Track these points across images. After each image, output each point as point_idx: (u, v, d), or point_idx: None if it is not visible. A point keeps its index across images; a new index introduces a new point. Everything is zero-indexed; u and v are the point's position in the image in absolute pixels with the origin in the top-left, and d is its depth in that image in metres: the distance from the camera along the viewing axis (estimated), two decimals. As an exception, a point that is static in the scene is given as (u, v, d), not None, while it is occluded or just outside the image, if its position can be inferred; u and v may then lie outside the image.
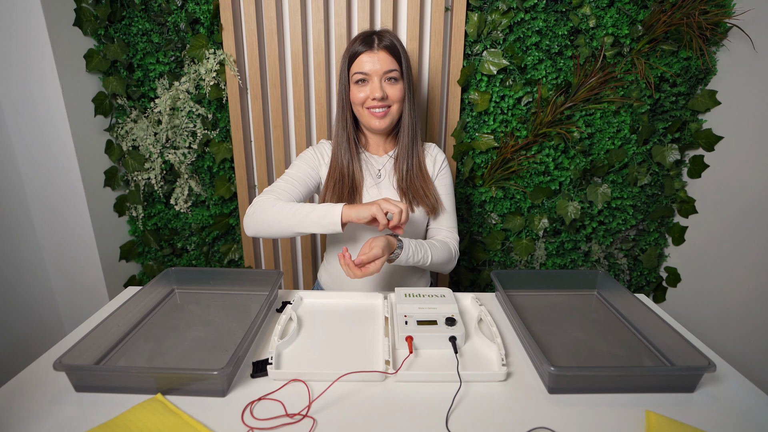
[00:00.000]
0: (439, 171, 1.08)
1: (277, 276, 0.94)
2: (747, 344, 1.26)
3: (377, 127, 0.99)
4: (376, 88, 0.94)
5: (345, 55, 0.98)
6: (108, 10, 1.31)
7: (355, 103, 0.98)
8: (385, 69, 0.94)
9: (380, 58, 0.94)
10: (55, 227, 1.41)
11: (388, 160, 1.07)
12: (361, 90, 0.96)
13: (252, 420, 0.60)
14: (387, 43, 0.95)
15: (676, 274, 1.53)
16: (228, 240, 1.59)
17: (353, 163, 1.02)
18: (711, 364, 0.65)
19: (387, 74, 0.95)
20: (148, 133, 1.42)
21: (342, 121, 1.02)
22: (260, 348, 0.77)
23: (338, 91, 1.01)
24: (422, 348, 0.76)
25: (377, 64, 0.94)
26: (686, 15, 1.26)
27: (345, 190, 1.01)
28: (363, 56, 0.95)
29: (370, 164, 1.06)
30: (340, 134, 1.02)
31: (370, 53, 0.94)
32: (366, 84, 0.96)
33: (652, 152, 1.43)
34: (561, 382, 0.66)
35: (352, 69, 0.97)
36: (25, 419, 0.61)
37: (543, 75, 1.34)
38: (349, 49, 0.97)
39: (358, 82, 0.96)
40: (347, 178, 1.01)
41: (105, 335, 0.74)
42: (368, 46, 0.94)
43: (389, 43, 0.95)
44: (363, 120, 1.01)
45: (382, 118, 0.98)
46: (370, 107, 0.97)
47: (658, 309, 0.92)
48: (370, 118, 0.98)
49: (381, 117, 0.98)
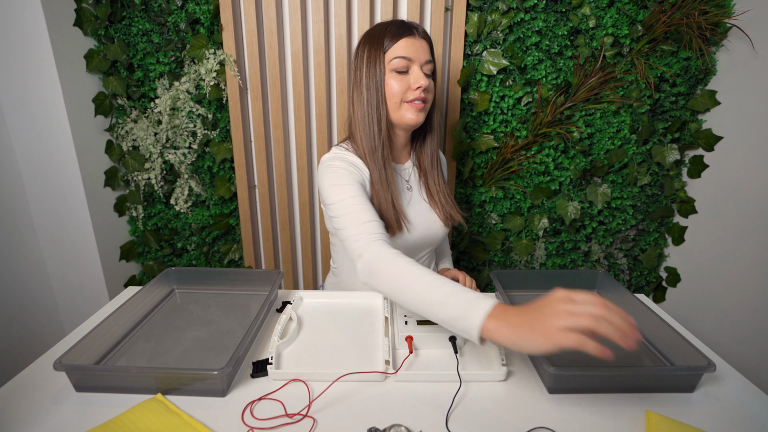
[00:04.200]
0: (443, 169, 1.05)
1: (277, 276, 0.94)
2: (747, 344, 1.26)
3: (413, 121, 0.87)
4: (420, 76, 0.84)
5: (374, 42, 0.86)
6: (108, 11, 1.31)
7: (392, 95, 0.85)
8: (427, 57, 0.86)
9: (422, 45, 0.85)
10: (55, 227, 1.41)
11: (411, 169, 0.98)
12: (398, 80, 0.85)
13: (252, 420, 0.60)
14: (424, 32, 0.87)
15: (675, 274, 1.53)
16: (228, 240, 1.59)
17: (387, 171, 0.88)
18: (711, 364, 0.65)
19: (426, 65, 0.86)
20: (148, 133, 1.42)
21: (376, 118, 0.87)
22: (260, 348, 0.77)
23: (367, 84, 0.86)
24: (422, 348, 0.76)
25: (420, 50, 0.84)
26: (686, 15, 1.26)
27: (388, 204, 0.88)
28: (404, 41, 0.84)
29: (398, 175, 0.95)
30: (375, 139, 0.87)
31: (411, 38, 0.84)
32: (405, 74, 0.85)
33: (651, 152, 1.43)
34: (561, 382, 0.66)
35: (390, 54, 0.84)
36: (25, 419, 0.61)
37: (543, 75, 1.34)
38: (381, 35, 0.85)
39: (395, 71, 0.85)
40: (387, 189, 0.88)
41: (105, 335, 0.74)
42: (408, 31, 0.85)
43: (426, 33, 0.87)
44: (396, 115, 0.87)
45: (421, 110, 0.86)
46: (410, 99, 0.85)
47: (658, 309, 0.92)
48: (408, 110, 0.86)
49: (420, 109, 0.86)
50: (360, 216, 0.77)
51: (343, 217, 0.79)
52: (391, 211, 0.88)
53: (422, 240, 0.97)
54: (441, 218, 0.97)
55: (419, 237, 0.95)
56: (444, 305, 0.61)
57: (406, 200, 0.94)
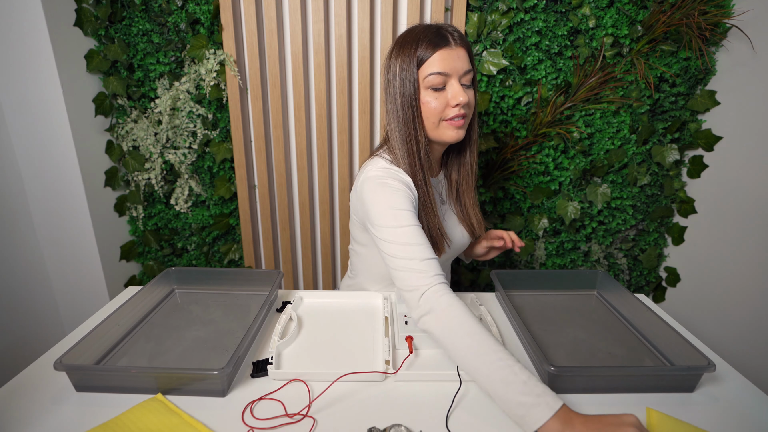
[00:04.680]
0: None
1: (277, 276, 0.94)
2: (747, 344, 1.26)
3: (454, 139, 0.81)
4: (458, 92, 0.77)
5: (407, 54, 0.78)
6: (108, 11, 1.31)
7: (430, 115, 0.79)
8: (465, 68, 0.78)
9: (459, 55, 0.77)
10: (55, 227, 1.41)
11: (443, 182, 0.94)
12: (435, 97, 0.78)
13: (252, 420, 0.60)
14: (460, 36, 0.79)
15: (675, 274, 1.53)
16: (228, 240, 1.59)
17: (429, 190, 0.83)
18: (711, 364, 0.65)
19: (465, 76, 0.79)
20: (148, 133, 1.42)
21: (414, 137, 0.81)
22: (260, 348, 0.77)
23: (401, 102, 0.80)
24: (422, 348, 0.76)
25: (457, 62, 0.77)
26: (686, 15, 1.26)
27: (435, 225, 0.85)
28: (440, 53, 0.76)
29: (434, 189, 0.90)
30: (414, 157, 0.82)
31: (448, 50, 0.76)
32: (442, 90, 0.78)
33: (651, 152, 1.43)
34: (561, 381, 0.66)
35: (424, 70, 0.77)
36: (25, 419, 0.61)
37: (543, 75, 1.34)
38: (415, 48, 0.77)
39: (431, 89, 0.78)
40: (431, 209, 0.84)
41: (105, 335, 0.74)
42: (444, 41, 0.77)
43: (463, 37, 0.79)
44: (435, 133, 0.82)
45: (461, 128, 0.80)
46: (449, 117, 0.79)
47: (657, 309, 0.92)
48: (447, 128, 0.80)
49: (460, 126, 0.80)
50: (422, 250, 0.72)
51: (400, 246, 0.73)
52: (435, 231, 0.85)
53: (452, 254, 0.99)
54: (468, 231, 0.96)
55: (453, 251, 0.96)
56: (510, 388, 0.57)
57: (442, 214, 0.91)
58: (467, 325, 0.64)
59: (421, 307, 0.69)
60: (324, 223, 1.52)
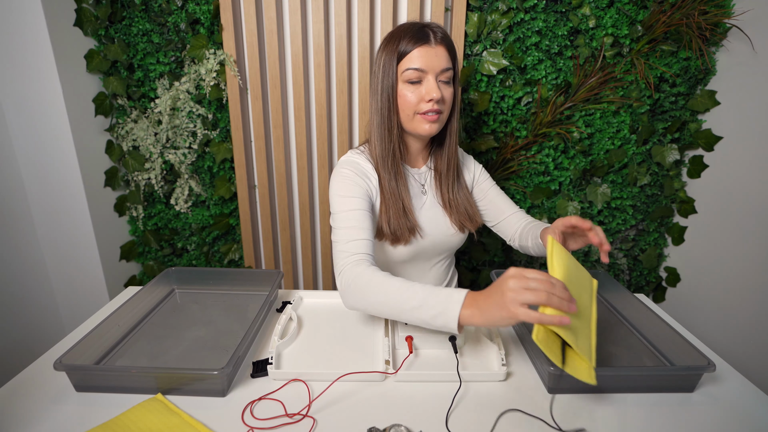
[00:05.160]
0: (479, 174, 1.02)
1: (277, 276, 0.94)
2: (747, 344, 1.26)
3: (426, 133, 0.85)
4: (432, 88, 0.81)
5: (390, 49, 0.83)
6: (108, 11, 1.31)
7: (405, 107, 0.84)
8: (442, 66, 0.82)
9: (438, 53, 0.81)
10: (55, 227, 1.41)
11: (428, 173, 0.96)
12: (412, 91, 0.83)
13: (252, 420, 0.60)
14: (442, 35, 0.83)
15: (675, 274, 1.53)
16: (228, 240, 1.59)
17: (398, 179, 0.89)
18: (711, 364, 0.65)
19: (443, 73, 0.83)
20: (148, 133, 1.42)
21: (387, 127, 0.86)
22: (260, 348, 0.77)
23: (380, 93, 0.85)
24: (422, 348, 0.76)
25: (434, 60, 0.81)
26: (686, 15, 1.26)
27: (398, 214, 0.88)
28: (418, 50, 0.81)
29: (412, 179, 0.94)
30: (385, 144, 0.87)
31: (426, 47, 0.81)
32: (418, 84, 0.83)
33: (651, 152, 1.43)
34: (561, 382, 0.66)
35: (402, 65, 0.82)
36: (25, 419, 0.61)
37: (543, 75, 1.34)
38: (397, 43, 0.82)
39: (408, 82, 0.83)
40: (398, 198, 0.88)
41: (105, 335, 0.74)
42: (424, 39, 0.81)
43: (445, 36, 0.83)
44: (410, 126, 0.86)
45: (434, 122, 0.84)
46: (423, 111, 0.83)
47: (658, 309, 0.92)
48: (421, 122, 0.84)
49: (433, 121, 0.84)
50: (350, 233, 0.79)
51: (338, 230, 0.81)
52: (402, 219, 0.88)
53: (435, 245, 0.95)
54: (455, 224, 0.95)
55: (431, 243, 0.94)
56: (422, 308, 0.66)
57: (419, 204, 0.93)
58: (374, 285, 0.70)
59: (340, 290, 0.75)
60: (324, 223, 1.52)
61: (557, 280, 0.60)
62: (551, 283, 0.58)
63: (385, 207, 0.88)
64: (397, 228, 0.88)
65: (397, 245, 0.90)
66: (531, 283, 0.58)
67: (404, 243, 0.90)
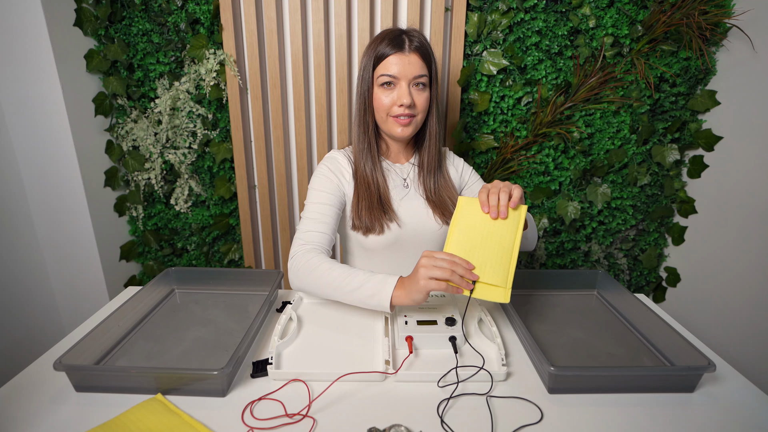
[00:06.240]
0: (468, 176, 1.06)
1: (277, 276, 0.94)
2: (747, 344, 1.26)
3: (399, 135, 0.91)
4: (404, 94, 0.86)
5: (369, 53, 0.89)
6: (108, 11, 1.31)
7: (379, 108, 0.90)
8: (415, 74, 0.87)
9: (411, 61, 0.86)
10: (55, 227, 1.41)
11: (411, 168, 1.01)
12: (386, 94, 0.88)
13: (252, 420, 0.60)
14: (418, 44, 0.87)
15: (675, 274, 1.53)
16: (228, 240, 1.59)
17: (376, 172, 0.94)
18: (711, 364, 0.65)
19: (416, 79, 0.87)
20: (148, 133, 1.42)
21: (363, 126, 0.93)
22: (260, 348, 0.77)
23: (359, 93, 0.92)
24: (422, 348, 0.76)
25: (407, 67, 0.86)
26: (686, 15, 1.26)
27: (374, 202, 0.93)
28: (392, 57, 0.86)
29: (394, 173, 0.99)
30: (361, 140, 0.94)
31: (400, 55, 0.86)
32: (392, 88, 0.88)
33: (651, 152, 1.43)
34: (561, 382, 0.66)
35: (378, 70, 0.88)
36: (25, 419, 0.61)
37: (543, 75, 1.34)
38: (375, 49, 0.88)
39: (383, 85, 0.88)
40: (374, 188, 0.93)
41: (105, 335, 0.74)
42: (399, 47, 0.86)
43: (420, 44, 0.87)
44: (384, 126, 0.92)
45: (406, 126, 0.90)
46: (395, 114, 0.89)
47: (658, 309, 0.92)
48: (394, 125, 0.90)
49: (405, 125, 0.90)
50: (311, 225, 0.88)
51: (303, 219, 0.90)
52: (376, 209, 0.93)
53: (416, 235, 0.97)
54: (437, 216, 0.97)
55: (412, 232, 0.96)
56: (360, 289, 0.75)
57: (400, 196, 0.97)
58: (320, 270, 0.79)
59: (289, 272, 0.84)
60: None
61: (460, 258, 0.71)
62: (454, 262, 0.69)
63: (358, 198, 0.93)
64: (368, 218, 0.93)
65: (369, 235, 0.94)
66: (438, 262, 0.69)
67: (377, 233, 0.93)
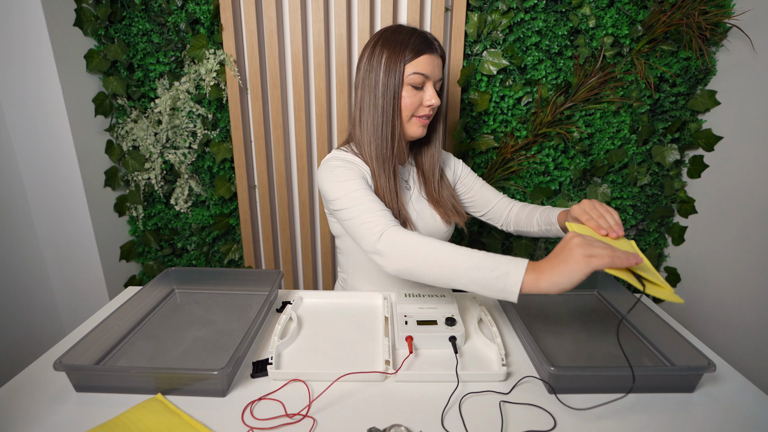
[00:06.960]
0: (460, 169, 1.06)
1: (277, 276, 0.94)
2: (747, 344, 1.26)
3: (418, 135, 0.90)
4: (433, 95, 0.86)
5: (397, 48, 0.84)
6: (108, 11, 1.31)
7: (406, 108, 0.87)
8: (438, 76, 0.88)
9: (437, 63, 0.87)
10: (55, 227, 1.41)
11: (410, 168, 1.00)
12: (412, 94, 0.86)
13: (252, 420, 0.60)
14: (440, 47, 0.89)
15: (675, 274, 1.53)
16: (228, 240, 1.59)
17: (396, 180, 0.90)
18: (711, 364, 0.65)
19: (437, 82, 0.89)
20: (148, 133, 1.42)
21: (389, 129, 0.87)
22: (260, 348, 0.77)
23: (383, 93, 0.85)
24: (422, 348, 0.76)
25: (436, 69, 0.87)
26: (686, 15, 1.26)
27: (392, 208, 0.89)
28: (425, 57, 0.84)
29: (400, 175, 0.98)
30: (383, 146, 0.87)
31: (432, 55, 0.85)
32: (419, 90, 0.86)
33: (651, 152, 1.43)
34: (561, 382, 0.66)
35: (409, 67, 0.84)
36: (25, 419, 0.61)
37: (543, 75, 1.34)
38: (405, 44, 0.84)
39: (412, 86, 0.85)
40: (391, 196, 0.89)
41: (105, 335, 0.74)
42: (430, 47, 0.85)
43: (442, 49, 0.89)
44: (405, 126, 0.90)
45: (426, 126, 0.91)
46: (420, 114, 0.88)
47: (658, 309, 0.92)
48: (417, 125, 0.89)
49: (426, 125, 0.90)
50: (372, 205, 0.77)
51: (352, 208, 0.78)
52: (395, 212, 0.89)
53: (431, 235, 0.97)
54: (442, 218, 0.98)
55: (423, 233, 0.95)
56: (481, 268, 0.64)
57: (406, 199, 0.97)
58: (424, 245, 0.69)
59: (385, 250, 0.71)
60: (324, 223, 1.52)
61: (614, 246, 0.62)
62: (612, 248, 0.61)
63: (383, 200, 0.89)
64: None
65: None
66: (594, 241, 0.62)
67: None
